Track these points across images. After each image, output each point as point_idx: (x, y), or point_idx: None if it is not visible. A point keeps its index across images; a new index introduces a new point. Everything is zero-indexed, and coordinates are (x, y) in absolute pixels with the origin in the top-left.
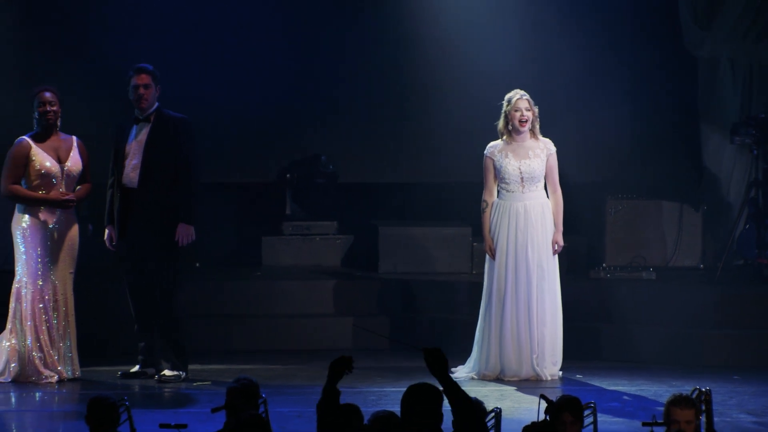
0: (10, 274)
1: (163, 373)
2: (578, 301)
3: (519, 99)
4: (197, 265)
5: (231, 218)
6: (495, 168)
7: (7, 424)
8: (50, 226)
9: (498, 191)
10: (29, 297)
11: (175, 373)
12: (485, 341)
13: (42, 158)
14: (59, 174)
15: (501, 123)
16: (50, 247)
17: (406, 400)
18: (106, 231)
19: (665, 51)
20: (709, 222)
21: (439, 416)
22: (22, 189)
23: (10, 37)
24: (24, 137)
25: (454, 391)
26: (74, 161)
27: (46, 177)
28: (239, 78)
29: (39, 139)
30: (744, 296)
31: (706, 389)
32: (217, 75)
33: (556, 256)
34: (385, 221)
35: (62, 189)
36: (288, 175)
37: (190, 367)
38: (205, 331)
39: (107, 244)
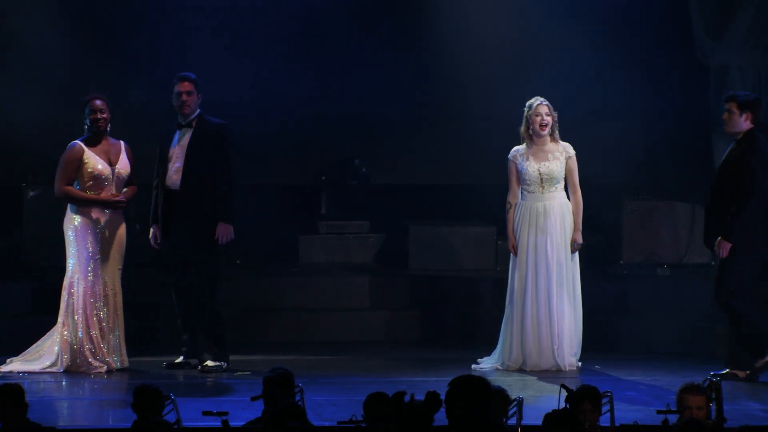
0: (62, 270)
1: (205, 363)
2: (596, 296)
3: (539, 104)
4: (237, 262)
5: (269, 218)
6: (517, 170)
7: (59, 412)
8: (100, 225)
9: (521, 193)
10: (80, 292)
11: (217, 363)
12: (508, 334)
13: (94, 161)
14: (110, 176)
15: (523, 127)
16: (100, 245)
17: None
18: (151, 230)
19: (678, 61)
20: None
21: (485, 406)
22: (75, 190)
23: (63, 46)
24: (76, 141)
25: None
26: (123, 164)
27: (98, 179)
28: (278, 86)
29: (90, 143)
30: None
31: (717, 378)
32: (258, 83)
33: (576, 253)
34: (414, 221)
35: (112, 190)
36: (323, 178)
37: (231, 358)
38: (244, 324)
39: (152, 242)
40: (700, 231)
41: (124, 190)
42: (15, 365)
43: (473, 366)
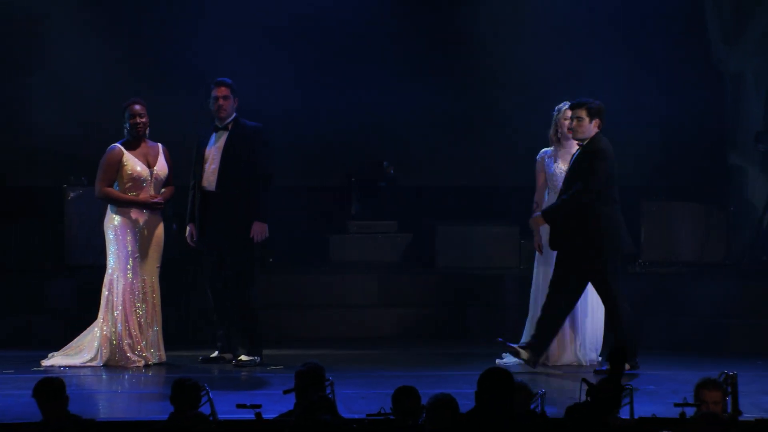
0: (102, 268)
1: (239, 358)
2: None
3: (567, 108)
4: (270, 260)
5: (301, 218)
6: (546, 172)
7: (98, 405)
8: (139, 225)
9: (548, 193)
10: (120, 289)
11: (251, 358)
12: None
13: (133, 163)
14: (148, 177)
15: (551, 131)
16: (139, 243)
17: (482, 382)
18: (188, 229)
19: (695, 68)
20: (735, 222)
21: (511, 398)
22: (115, 191)
23: (103, 53)
24: (116, 144)
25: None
26: (161, 166)
27: (136, 180)
28: (312, 93)
29: (129, 146)
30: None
31: (733, 373)
32: (293, 90)
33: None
34: (441, 221)
35: (151, 191)
36: (353, 179)
37: (264, 352)
38: (277, 319)
39: (189, 241)
40: (716, 230)
41: (162, 191)
42: (56, 359)
43: (497, 361)
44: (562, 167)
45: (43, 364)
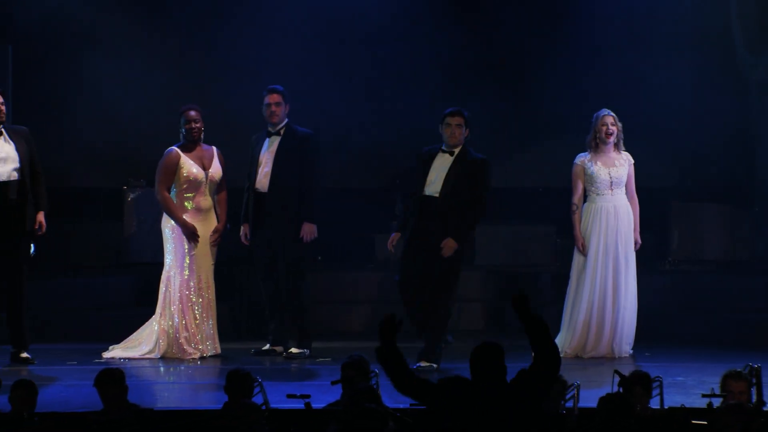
0: (160, 265)
1: (290, 350)
2: (647, 290)
3: (606, 115)
4: (319, 258)
5: (348, 218)
6: (586, 174)
7: (156, 394)
8: (195, 224)
9: (587, 195)
10: (177, 285)
11: (301, 350)
12: (572, 324)
13: (189, 166)
14: (204, 179)
15: (590, 136)
16: (194, 242)
17: (473, 358)
18: (242, 228)
19: (723, 74)
20: (760, 222)
21: (503, 369)
22: (170, 201)
23: (158, 61)
24: (173, 147)
25: (532, 321)
26: (216, 169)
27: (192, 182)
28: (362, 103)
29: (186, 149)
30: None
31: (757, 366)
32: (345, 100)
33: (634, 251)
34: (480, 220)
35: (206, 193)
36: (397, 182)
37: (313, 345)
38: (326, 314)
39: (242, 240)
40: (742, 230)
41: (217, 196)
42: (116, 352)
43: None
44: (605, 170)
45: (104, 356)
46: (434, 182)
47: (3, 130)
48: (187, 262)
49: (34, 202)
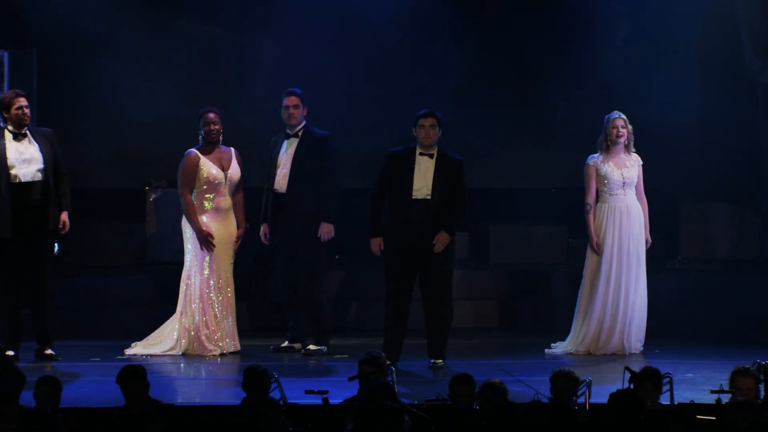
0: (180, 264)
1: (308, 347)
2: (657, 288)
3: (616, 118)
4: (336, 257)
5: (365, 218)
6: (599, 174)
7: (177, 390)
8: (214, 224)
9: (599, 195)
10: (197, 283)
11: (319, 347)
12: (585, 321)
13: (209, 167)
14: (223, 180)
15: (601, 137)
16: (216, 243)
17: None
18: (261, 228)
19: (730, 79)
20: (767, 222)
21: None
22: (191, 205)
23: (176, 65)
24: (192, 150)
25: None
26: (234, 170)
27: (211, 183)
28: (379, 104)
29: (205, 151)
30: None
31: (765, 362)
32: (362, 101)
33: (645, 250)
34: (494, 221)
35: (225, 193)
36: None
37: (331, 342)
38: (343, 311)
39: (262, 239)
40: (749, 230)
41: (236, 196)
42: (138, 349)
43: (546, 350)
44: (617, 171)
45: (126, 353)
46: (422, 186)
47: (28, 132)
48: (207, 261)
49: (58, 202)
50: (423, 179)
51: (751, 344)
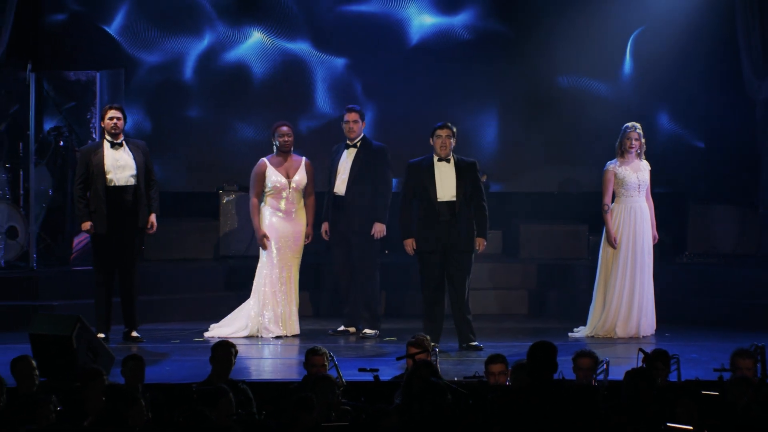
0: (249, 258)
1: (363, 331)
2: (667, 279)
3: (631, 131)
4: (386, 252)
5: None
6: (617, 178)
7: (248, 368)
8: (282, 224)
9: (616, 196)
10: (266, 275)
11: (372, 331)
12: (604, 308)
13: (274, 175)
14: (287, 187)
15: (618, 144)
16: (282, 239)
17: (531, 352)
18: (323, 226)
19: (731, 95)
20: (765, 221)
21: (554, 365)
22: (255, 210)
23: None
24: (263, 159)
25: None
26: (300, 177)
27: (275, 189)
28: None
29: (274, 160)
30: None
31: (762, 345)
32: (408, 115)
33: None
34: (524, 220)
35: (290, 198)
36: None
37: (383, 326)
38: (393, 299)
39: (323, 236)
40: (750, 228)
41: (303, 201)
42: (215, 331)
43: (569, 333)
44: (634, 175)
45: (205, 335)
46: (446, 188)
47: (124, 142)
48: (276, 256)
49: (148, 204)
50: (446, 183)
51: (751, 329)
